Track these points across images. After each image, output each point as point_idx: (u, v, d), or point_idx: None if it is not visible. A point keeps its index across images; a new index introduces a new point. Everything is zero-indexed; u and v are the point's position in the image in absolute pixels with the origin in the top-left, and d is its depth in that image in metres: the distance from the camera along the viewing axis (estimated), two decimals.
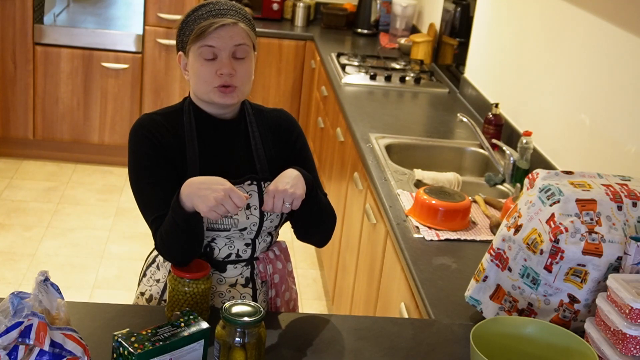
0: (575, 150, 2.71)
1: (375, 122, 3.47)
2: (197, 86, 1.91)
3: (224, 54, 1.87)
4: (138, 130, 1.90)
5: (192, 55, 1.89)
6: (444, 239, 2.38)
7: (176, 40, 1.95)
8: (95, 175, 5.18)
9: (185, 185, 1.77)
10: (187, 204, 1.75)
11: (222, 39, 1.86)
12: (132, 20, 5.12)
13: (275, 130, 2.02)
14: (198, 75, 1.89)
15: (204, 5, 1.90)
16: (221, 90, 1.88)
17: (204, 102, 1.94)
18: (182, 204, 1.76)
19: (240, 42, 1.88)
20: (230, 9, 1.90)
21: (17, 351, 1.38)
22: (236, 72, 1.88)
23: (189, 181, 1.77)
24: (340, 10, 5.37)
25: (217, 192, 1.71)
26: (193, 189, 1.74)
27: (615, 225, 1.73)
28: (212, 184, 1.73)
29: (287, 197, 1.79)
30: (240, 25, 1.88)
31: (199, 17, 1.88)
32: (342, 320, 1.90)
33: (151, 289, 2.00)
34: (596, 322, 1.69)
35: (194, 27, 1.87)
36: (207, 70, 1.87)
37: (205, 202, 1.71)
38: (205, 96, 1.91)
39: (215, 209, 1.71)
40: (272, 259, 2.01)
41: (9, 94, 5.05)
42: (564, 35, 2.88)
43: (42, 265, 4.03)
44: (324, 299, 4.01)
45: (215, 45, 1.86)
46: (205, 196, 1.71)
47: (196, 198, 1.72)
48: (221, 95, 1.89)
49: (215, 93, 1.88)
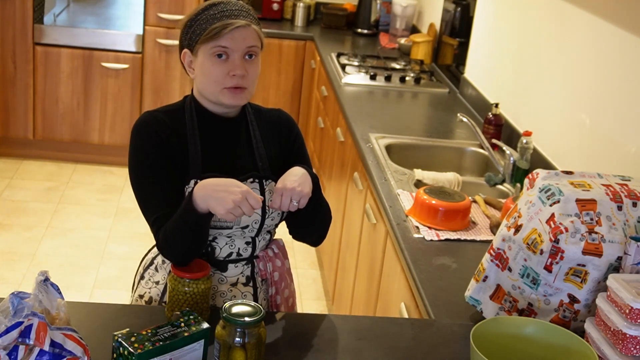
0: (575, 150, 2.71)
1: (375, 122, 3.47)
2: (205, 86, 1.90)
3: (237, 55, 1.87)
4: (141, 128, 1.89)
5: (202, 54, 1.88)
6: (444, 239, 2.38)
7: (182, 38, 1.93)
8: (95, 175, 5.18)
9: (200, 187, 1.76)
10: (201, 205, 1.75)
11: (235, 40, 1.86)
12: (132, 20, 5.12)
13: (275, 129, 2.02)
14: (208, 75, 1.88)
15: (215, 5, 1.89)
16: (232, 92, 1.88)
17: (208, 101, 1.94)
18: (195, 206, 1.75)
19: (253, 44, 1.88)
20: (242, 10, 1.90)
21: (17, 351, 1.38)
22: (248, 74, 1.88)
23: (203, 183, 1.77)
24: (340, 10, 5.37)
25: (234, 194, 1.71)
26: (208, 191, 1.74)
27: (615, 225, 1.73)
28: (228, 186, 1.73)
29: (295, 195, 1.80)
30: (252, 27, 1.89)
31: (211, 17, 1.87)
32: (342, 320, 1.90)
33: (151, 291, 2.00)
34: (596, 322, 1.69)
35: (206, 26, 1.86)
36: (219, 70, 1.87)
37: (222, 204, 1.71)
38: (212, 96, 1.90)
39: (232, 211, 1.71)
40: (271, 257, 2.02)
41: (9, 94, 5.05)
42: (564, 35, 2.88)
43: (42, 265, 4.03)
44: (324, 299, 4.01)
45: (228, 47, 1.86)
46: (223, 198, 1.71)
47: (212, 200, 1.72)
48: (231, 97, 1.88)
49: (225, 94, 1.88)
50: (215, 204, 1.72)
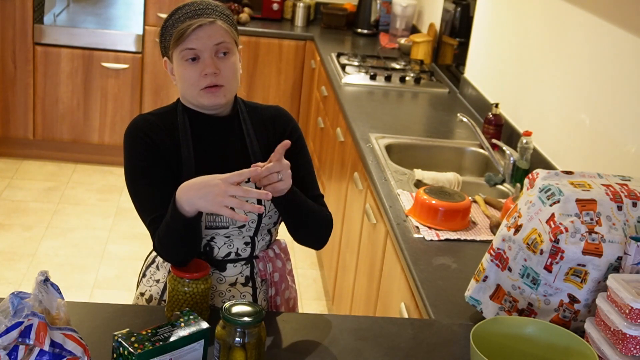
0: (575, 150, 2.71)
1: (375, 122, 3.47)
2: (184, 90, 1.90)
3: (206, 54, 1.85)
4: (133, 131, 1.89)
5: (175, 59, 1.88)
6: (444, 239, 2.38)
7: (160, 47, 1.95)
8: (95, 175, 5.18)
9: (182, 192, 1.73)
10: (187, 208, 1.72)
11: (201, 39, 1.85)
12: (132, 20, 5.12)
13: (270, 125, 2.01)
14: (184, 79, 1.88)
15: (180, 8, 1.89)
16: (208, 91, 1.87)
17: (194, 105, 1.93)
18: (182, 211, 1.73)
19: (221, 41, 1.86)
20: (207, 8, 1.88)
21: (17, 351, 1.38)
22: (220, 71, 1.86)
23: (183, 187, 1.74)
24: (340, 10, 5.37)
25: (217, 186, 1.67)
26: (192, 193, 1.70)
27: (615, 225, 1.73)
28: (208, 182, 1.69)
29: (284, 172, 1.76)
30: (218, 23, 1.86)
31: (176, 21, 1.87)
32: (342, 320, 1.90)
33: (151, 289, 2.00)
34: (596, 322, 1.69)
35: (172, 31, 1.87)
36: (192, 72, 1.86)
37: (211, 201, 1.67)
38: (193, 100, 1.90)
39: (225, 202, 1.66)
40: (271, 257, 2.02)
41: (9, 94, 5.05)
42: (564, 35, 2.88)
43: (42, 265, 4.03)
44: (324, 299, 4.01)
45: (195, 47, 1.85)
46: (207, 194, 1.67)
47: (200, 200, 1.69)
48: (209, 97, 1.87)
49: (203, 96, 1.87)
50: (204, 203, 1.68)
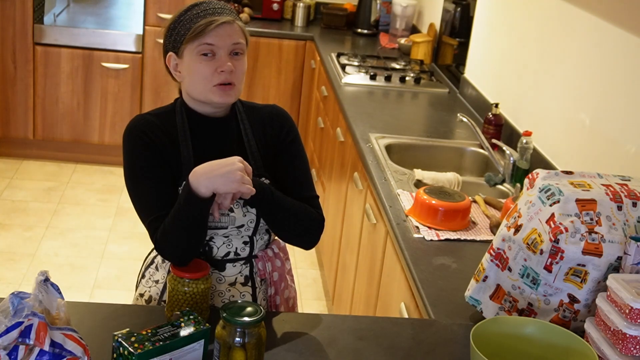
0: (575, 150, 2.71)
1: (375, 122, 3.46)
2: (193, 86, 1.90)
3: (223, 52, 1.87)
4: (131, 131, 1.90)
5: (188, 54, 1.88)
6: (444, 239, 2.38)
7: (166, 41, 1.94)
8: (95, 175, 5.18)
9: (198, 174, 1.75)
10: (203, 190, 1.74)
11: (220, 37, 1.86)
12: (132, 20, 5.12)
13: (267, 124, 2.01)
14: (196, 74, 1.88)
15: (197, 5, 1.90)
16: (221, 89, 1.88)
17: (197, 102, 1.93)
18: (198, 194, 1.75)
19: (238, 41, 1.89)
20: (224, 8, 1.91)
21: (17, 351, 1.38)
22: (235, 69, 1.88)
23: (198, 170, 1.76)
24: (340, 10, 5.37)
25: (233, 164, 1.74)
26: (209, 175, 1.74)
27: (615, 225, 1.73)
28: (226, 162, 1.75)
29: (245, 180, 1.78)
30: (237, 23, 1.89)
31: (195, 16, 1.87)
32: (342, 320, 1.90)
33: (150, 290, 2.00)
34: (596, 322, 1.69)
35: (190, 25, 1.87)
36: (206, 68, 1.86)
37: (232, 178, 1.73)
38: (202, 96, 1.90)
39: (245, 180, 1.74)
40: (271, 257, 2.02)
41: (9, 94, 5.05)
42: (564, 35, 2.88)
43: (42, 265, 4.03)
44: (324, 299, 4.01)
45: (214, 43, 1.86)
46: (230, 172, 1.73)
47: (220, 179, 1.73)
48: (221, 94, 1.88)
49: (215, 92, 1.88)
50: (224, 181, 1.73)
